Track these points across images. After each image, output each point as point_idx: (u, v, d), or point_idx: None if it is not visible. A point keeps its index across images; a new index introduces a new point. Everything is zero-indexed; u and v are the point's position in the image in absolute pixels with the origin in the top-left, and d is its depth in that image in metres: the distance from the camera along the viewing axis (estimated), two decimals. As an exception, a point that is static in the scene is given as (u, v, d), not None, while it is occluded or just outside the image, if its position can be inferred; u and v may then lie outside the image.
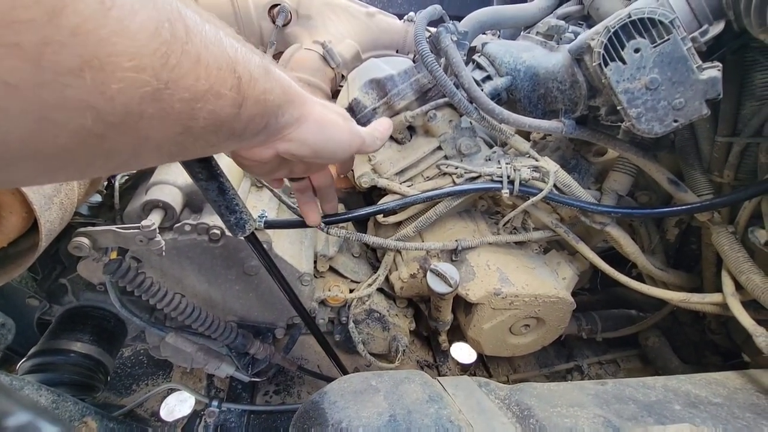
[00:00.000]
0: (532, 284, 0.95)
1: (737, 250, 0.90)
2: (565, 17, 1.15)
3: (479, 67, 1.02)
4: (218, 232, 0.79)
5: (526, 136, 1.23)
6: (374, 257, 1.20)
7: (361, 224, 1.25)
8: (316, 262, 1.04)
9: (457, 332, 1.14)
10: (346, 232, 0.89)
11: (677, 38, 0.70)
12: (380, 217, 1.02)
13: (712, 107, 0.74)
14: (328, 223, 0.85)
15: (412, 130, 1.05)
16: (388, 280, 1.09)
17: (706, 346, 1.27)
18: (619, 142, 0.94)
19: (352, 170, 1.03)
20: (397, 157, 1.01)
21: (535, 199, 0.91)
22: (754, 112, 0.84)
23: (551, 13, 1.19)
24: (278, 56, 1.43)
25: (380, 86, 0.99)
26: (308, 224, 0.67)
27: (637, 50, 0.71)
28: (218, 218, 0.57)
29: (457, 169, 0.97)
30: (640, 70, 0.72)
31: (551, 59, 0.91)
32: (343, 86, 1.16)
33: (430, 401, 0.63)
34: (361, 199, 1.30)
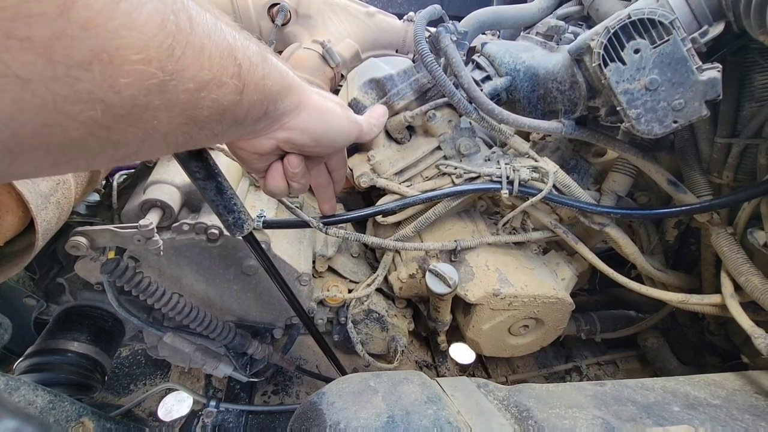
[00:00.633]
0: (531, 285, 0.95)
1: (736, 251, 0.90)
2: (564, 18, 1.15)
3: (479, 67, 1.01)
4: (216, 231, 0.79)
5: (525, 136, 1.23)
6: (373, 257, 1.20)
7: (360, 224, 1.25)
8: (314, 262, 1.04)
9: (456, 333, 1.14)
10: (345, 232, 0.88)
11: (677, 39, 0.69)
12: (379, 217, 1.02)
13: (711, 108, 0.74)
14: (327, 223, 0.85)
15: (411, 130, 1.04)
16: (387, 280, 1.09)
17: (705, 347, 1.27)
18: (618, 142, 0.94)
19: (350, 170, 1.03)
20: (396, 157, 1.01)
21: (534, 199, 0.91)
22: (753, 113, 0.84)
23: (551, 13, 1.19)
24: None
25: (380, 86, 0.99)
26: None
27: (636, 51, 0.71)
28: (216, 218, 0.57)
29: (456, 169, 0.97)
30: (639, 70, 0.72)
31: (551, 60, 0.91)
32: (342, 86, 1.16)
33: (428, 402, 0.63)
34: (360, 198, 1.30)
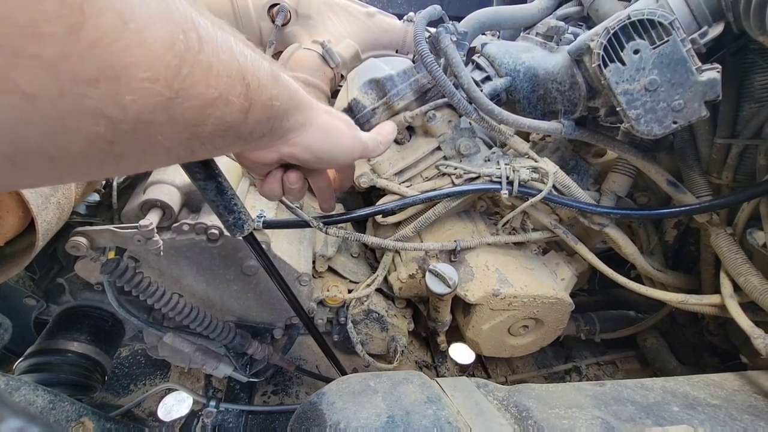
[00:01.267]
0: (530, 285, 0.95)
1: (736, 251, 0.90)
2: (564, 18, 1.15)
3: (479, 67, 1.02)
4: (216, 232, 0.79)
5: (525, 136, 1.23)
6: (373, 257, 1.20)
7: (360, 224, 1.25)
8: (314, 262, 1.04)
9: (455, 333, 1.14)
10: (344, 232, 0.89)
11: (677, 40, 0.70)
12: (379, 217, 1.02)
13: (711, 109, 0.74)
14: (327, 223, 0.85)
15: (411, 130, 1.05)
16: (386, 280, 1.09)
17: (704, 347, 1.27)
18: (618, 143, 0.94)
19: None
20: (396, 157, 1.01)
21: (534, 199, 0.91)
22: (752, 114, 0.84)
23: (551, 14, 1.19)
24: (277, 56, 1.43)
25: (379, 86, 0.99)
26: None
27: (636, 51, 0.71)
28: (216, 218, 0.57)
29: (456, 169, 0.97)
30: (639, 71, 0.72)
31: (551, 60, 0.91)
32: (342, 86, 1.16)
33: (428, 402, 0.63)
34: (360, 199, 1.30)
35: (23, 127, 0.19)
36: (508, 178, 0.91)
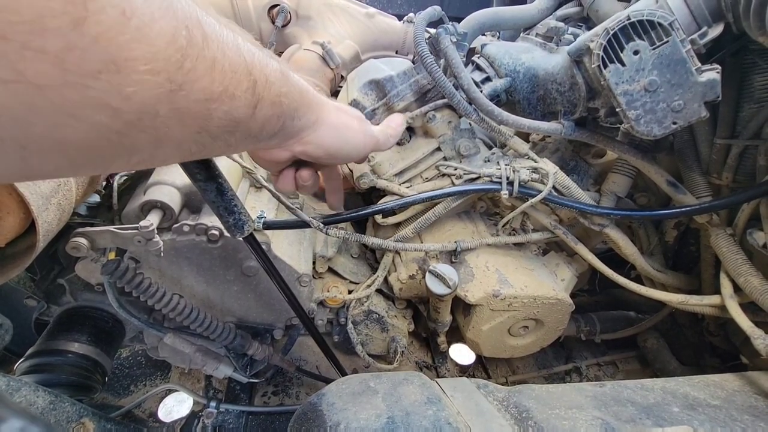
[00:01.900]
0: (530, 286, 0.95)
1: (736, 252, 0.90)
2: (564, 19, 1.15)
3: (478, 68, 1.02)
4: (217, 232, 0.79)
5: (525, 137, 1.23)
6: (373, 258, 1.20)
7: (360, 225, 1.25)
8: (314, 262, 1.04)
9: (455, 333, 1.14)
10: (344, 232, 0.89)
11: (676, 40, 0.70)
12: (379, 218, 1.02)
13: (710, 109, 0.74)
14: (326, 223, 0.85)
15: (411, 131, 1.05)
16: (387, 281, 1.09)
17: (704, 348, 1.27)
18: (618, 143, 0.94)
19: (350, 171, 1.03)
20: (396, 158, 1.01)
21: (534, 200, 0.91)
22: (752, 114, 0.84)
23: (550, 14, 1.19)
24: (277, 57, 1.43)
25: (379, 87, 0.99)
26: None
27: (636, 52, 0.71)
28: (217, 219, 0.57)
29: (456, 170, 0.97)
30: (639, 72, 0.72)
31: (550, 61, 0.91)
32: (342, 87, 1.16)
33: (428, 403, 0.63)
34: (360, 200, 1.30)
35: (32, 115, 0.21)
36: (508, 178, 0.92)
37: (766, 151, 0.83)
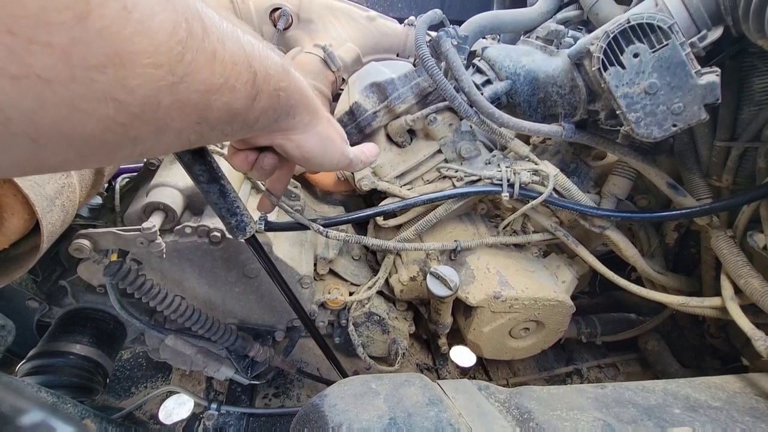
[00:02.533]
0: (531, 287, 0.96)
1: (736, 254, 0.90)
2: (564, 22, 1.16)
3: (479, 71, 1.02)
4: (219, 234, 0.79)
5: (525, 140, 1.23)
6: (374, 260, 1.21)
7: (361, 227, 1.25)
8: (316, 264, 1.04)
9: (456, 335, 1.14)
10: (345, 234, 0.89)
11: (676, 43, 0.70)
12: (380, 220, 1.03)
13: (710, 112, 0.75)
14: (327, 225, 0.85)
15: (412, 133, 1.05)
16: (388, 283, 1.09)
17: (705, 349, 1.27)
18: (618, 146, 0.94)
19: (351, 173, 1.03)
20: (397, 160, 1.01)
21: (534, 202, 0.92)
22: (752, 116, 0.85)
23: (551, 17, 1.20)
24: (279, 59, 1.44)
25: (381, 90, 1.00)
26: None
27: (636, 55, 0.72)
28: (219, 220, 0.57)
29: (457, 172, 0.97)
30: (639, 74, 0.73)
31: (551, 64, 0.91)
32: (343, 90, 1.17)
33: (429, 404, 0.63)
34: (361, 202, 1.31)
35: (41, 108, 0.21)
36: (508, 180, 0.92)
37: (765, 153, 0.84)
